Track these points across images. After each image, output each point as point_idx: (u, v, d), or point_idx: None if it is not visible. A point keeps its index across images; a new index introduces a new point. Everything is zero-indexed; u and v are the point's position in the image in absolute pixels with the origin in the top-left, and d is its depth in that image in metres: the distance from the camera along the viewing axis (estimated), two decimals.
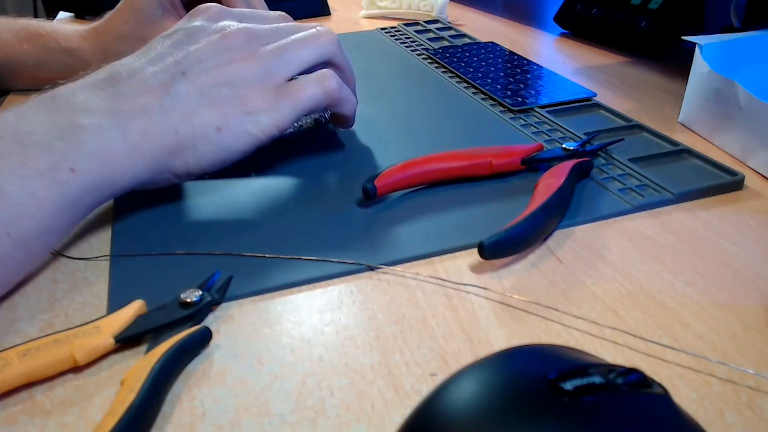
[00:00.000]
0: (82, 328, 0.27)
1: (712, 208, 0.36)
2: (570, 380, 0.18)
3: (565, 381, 0.18)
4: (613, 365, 0.20)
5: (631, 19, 0.60)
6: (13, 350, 0.26)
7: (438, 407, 0.18)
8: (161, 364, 0.25)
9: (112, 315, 0.28)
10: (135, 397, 0.23)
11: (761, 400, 0.24)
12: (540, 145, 0.39)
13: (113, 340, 0.27)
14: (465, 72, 0.55)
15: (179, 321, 0.28)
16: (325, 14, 0.79)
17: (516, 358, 0.20)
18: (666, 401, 0.19)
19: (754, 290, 0.30)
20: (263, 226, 0.35)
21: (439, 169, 0.36)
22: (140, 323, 0.28)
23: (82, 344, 0.26)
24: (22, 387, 0.26)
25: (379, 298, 0.30)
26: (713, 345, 0.27)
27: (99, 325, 0.27)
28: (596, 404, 0.17)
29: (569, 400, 0.17)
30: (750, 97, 0.39)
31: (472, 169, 0.36)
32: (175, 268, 0.32)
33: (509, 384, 0.18)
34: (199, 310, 0.28)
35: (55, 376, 0.26)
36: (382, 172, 0.36)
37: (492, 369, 0.19)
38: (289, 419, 0.24)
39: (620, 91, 0.53)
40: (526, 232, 0.31)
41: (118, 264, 0.33)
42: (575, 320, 0.28)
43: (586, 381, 0.18)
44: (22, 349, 0.26)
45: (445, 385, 0.19)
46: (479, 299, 0.30)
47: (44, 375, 0.26)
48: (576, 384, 0.18)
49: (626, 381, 0.19)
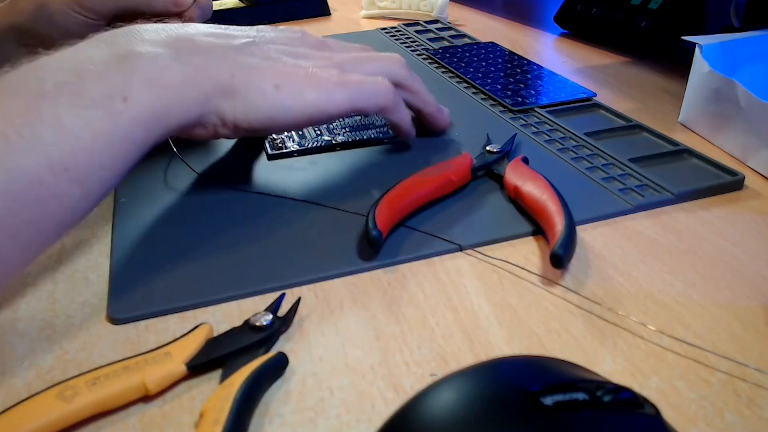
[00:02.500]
0: (152, 354, 0.26)
1: (712, 208, 0.36)
2: (552, 395, 0.17)
3: (546, 396, 0.17)
4: (603, 382, 0.19)
5: (631, 19, 0.60)
6: (81, 378, 0.24)
7: (413, 414, 0.18)
8: (242, 394, 0.23)
9: (182, 340, 0.26)
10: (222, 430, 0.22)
11: (761, 400, 0.24)
12: (467, 154, 0.39)
13: (185, 367, 0.25)
14: (465, 72, 0.55)
15: (251, 346, 0.26)
16: (326, 14, 0.79)
17: (503, 368, 0.20)
18: (656, 422, 0.18)
19: (754, 290, 0.30)
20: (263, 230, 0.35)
21: (416, 197, 0.36)
22: (211, 349, 0.26)
23: (154, 372, 0.25)
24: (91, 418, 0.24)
25: (379, 298, 0.30)
26: (713, 345, 0.27)
27: (169, 350, 0.26)
28: (575, 421, 0.17)
29: (547, 416, 0.17)
30: (750, 96, 0.39)
31: (440, 189, 0.37)
32: (176, 267, 0.32)
33: (488, 395, 0.18)
34: (270, 334, 0.27)
35: (125, 406, 0.25)
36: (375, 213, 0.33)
37: (475, 379, 0.19)
38: (289, 419, 0.24)
39: (620, 91, 0.53)
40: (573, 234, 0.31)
41: (119, 263, 0.33)
42: (575, 319, 0.28)
43: (568, 397, 0.18)
44: (90, 377, 0.24)
45: (427, 391, 0.19)
46: (479, 299, 0.30)
47: (114, 405, 0.24)
48: (557, 399, 0.17)
49: (614, 399, 0.18)
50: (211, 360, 0.26)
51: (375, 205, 0.33)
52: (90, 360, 0.27)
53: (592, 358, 0.26)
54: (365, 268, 0.32)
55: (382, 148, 0.44)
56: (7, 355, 0.28)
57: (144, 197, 0.38)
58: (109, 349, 0.28)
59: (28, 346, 0.28)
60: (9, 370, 0.27)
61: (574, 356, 0.26)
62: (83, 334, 0.29)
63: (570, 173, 0.39)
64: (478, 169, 0.39)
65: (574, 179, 0.39)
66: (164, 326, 0.29)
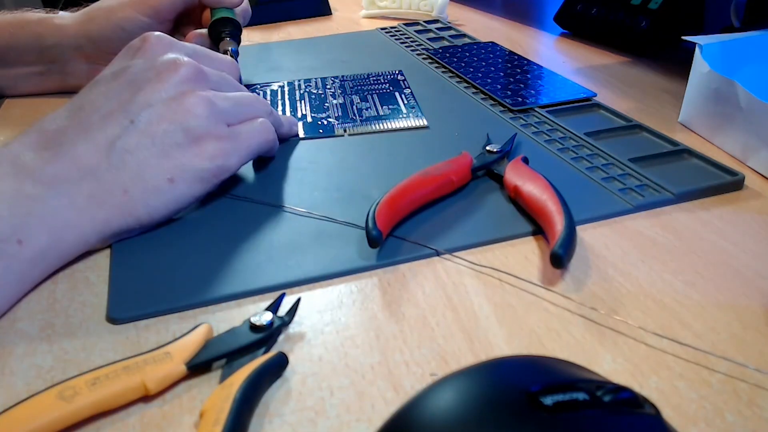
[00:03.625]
0: (151, 354, 0.26)
1: (712, 208, 0.36)
2: (551, 395, 0.17)
3: (546, 395, 0.17)
4: (603, 381, 0.19)
5: (631, 19, 0.60)
6: (81, 378, 0.24)
7: (413, 414, 0.18)
8: (242, 394, 0.23)
9: (182, 340, 0.26)
10: (222, 430, 0.22)
11: (761, 400, 0.24)
12: (467, 154, 0.39)
13: (185, 367, 0.26)
14: (465, 72, 0.55)
15: (251, 346, 0.26)
16: (326, 14, 0.79)
17: (502, 368, 0.19)
18: (656, 422, 0.18)
19: (754, 290, 0.30)
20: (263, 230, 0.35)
21: (417, 197, 0.36)
22: (211, 348, 0.26)
23: (154, 371, 0.25)
24: (91, 418, 0.24)
25: (379, 298, 0.30)
26: (713, 345, 0.27)
27: (169, 350, 0.26)
28: (574, 421, 0.17)
29: (547, 416, 0.17)
30: (750, 96, 0.39)
31: (440, 189, 0.37)
32: (176, 267, 0.32)
33: (488, 395, 0.18)
34: (270, 334, 0.27)
35: (125, 406, 0.25)
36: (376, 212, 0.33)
37: (475, 379, 0.19)
38: (289, 419, 0.24)
39: (620, 91, 0.53)
40: (574, 234, 0.31)
41: (119, 263, 0.33)
42: (575, 319, 0.28)
43: (568, 397, 0.17)
44: (90, 377, 0.24)
45: (426, 391, 0.19)
46: (479, 298, 0.30)
47: (115, 405, 0.24)
48: (557, 399, 0.17)
49: (614, 399, 0.18)
50: (211, 360, 0.26)
51: (375, 205, 0.33)
52: (90, 360, 0.27)
53: (592, 357, 0.26)
54: (365, 268, 0.32)
55: (382, 147, 0.43)
56: (7, 355, 0.28)
57: None
58: (109, 349, 0.28)
59: (28, 346, 0.28)
60: (9, 370, 0.27)
61: (574, 356, 0.26)
62: (83, 334, 0.29)
63: (570, 173, 0.39)
64: (478, 169, 0.39)
65: (574, 179, 0.39)
66: (164, 326, 0.29)
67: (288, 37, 0.71)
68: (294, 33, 0.72)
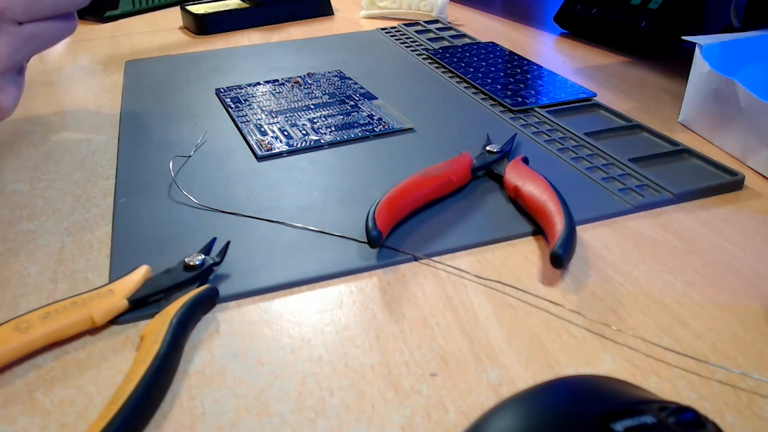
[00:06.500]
0: (96, 291, 0.29)
1: (712, 208, 0.36)
2: (620, 420, 0.17)
3: (615, 421, 0.17)
4: (664, 402, 0.19)
5: (631, 19, 0.60)
6: (34, 313, 0.27)
7: None
8: (179, 318, 0.27)
9: (123, 279, 0.29)
10: (160, 347, 0.25)
11: (761, 400, 0.24)
12: (467, 154, 0.39)
13: (126, 302, 0.29)
14: (465, 72, 0.55)
15: (185, 282, 0.30)
16: (329, 14, 0.79)
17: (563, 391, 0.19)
18: None
19: (754, 290, 0.30)
20: (263, 230, 0.35)
21: (417, 197, 0.36)
22: (150, 285, 0.30)
23: (99, 306, 0.28)
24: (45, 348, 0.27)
25: (379, 298, 0.30)
26: (713, 345, 0.27)
27: (112, 288, 0.29)
28: None
29: None
30: (750, 96, 0.39)
31: (440, 189, 0.37)
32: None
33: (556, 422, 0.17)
34: (202, 272, 0.30)
35: (74, 337, 0.28)
36: (375, 213, 0.33)
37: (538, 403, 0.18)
38: (289, 419, 0.24)
39: (620, 91, 0.53)
40: (573, 234, 0.31)
41: (119, 263, 0.33)
42: (575, 319, 0.28)
43: (636, 422, 0.17)
44: (42, 312, 0.27)
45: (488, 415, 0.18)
46: (478, 298, 0.30)
47: (65, 336, 0.27)
48: (627, 425, 0.17)
49: (679, 420, 0.18)
50: (149, 295, 0.29)
51: (375, 205, 0.33)
52: (90, 360, 0.27)
53: (592, 357, 0.26)
54: (365, 268, 0.32)
55: (382, 148, 0.44)
56: None
57: (144, 197, 0.38)
58: (109, 348, 0.28)
59: None
60: (9, 370, 0.27)
61: (575, 356, 0.26)
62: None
63: (570, 173, 0.39)
64: (478, 169, 0.39)
65: (574, 179, 0.39)
66: None
67: (288, 37, 0.71)
68: (294, 33, 0.72)
